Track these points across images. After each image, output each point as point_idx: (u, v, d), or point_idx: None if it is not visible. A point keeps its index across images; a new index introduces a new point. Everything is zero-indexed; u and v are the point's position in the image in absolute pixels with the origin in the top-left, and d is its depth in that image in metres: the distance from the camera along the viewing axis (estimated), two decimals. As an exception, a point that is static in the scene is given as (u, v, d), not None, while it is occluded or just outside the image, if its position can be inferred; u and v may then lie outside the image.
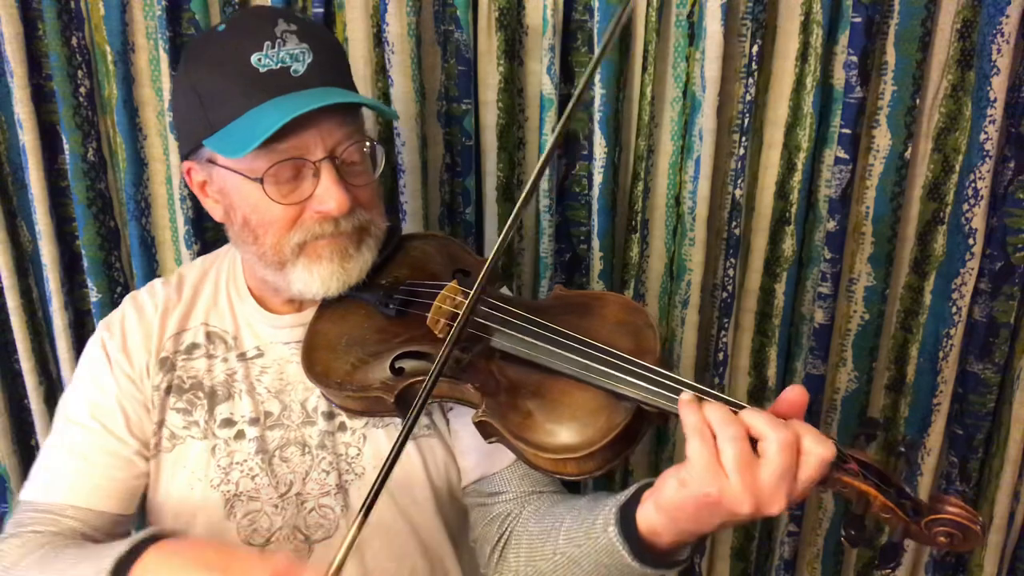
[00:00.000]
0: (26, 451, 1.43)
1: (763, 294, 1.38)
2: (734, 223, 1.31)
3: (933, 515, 0.67)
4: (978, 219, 1.25)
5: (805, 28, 1.24)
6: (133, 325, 0.99)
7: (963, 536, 0.66)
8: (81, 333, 1.37)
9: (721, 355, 1.37)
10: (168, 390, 0.97)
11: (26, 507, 0.93)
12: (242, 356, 0.99)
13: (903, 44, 1.23)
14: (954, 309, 1.30)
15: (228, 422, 0.96)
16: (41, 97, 1.26)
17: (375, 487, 0.72)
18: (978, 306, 1.32)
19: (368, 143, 0.92)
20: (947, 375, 1.34)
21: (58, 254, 1.31)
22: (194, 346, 0.99)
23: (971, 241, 1.26)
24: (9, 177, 1.32)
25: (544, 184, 1.29)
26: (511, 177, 1.33)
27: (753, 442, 0.67)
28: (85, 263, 1.32)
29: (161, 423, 0.96)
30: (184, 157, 0.95)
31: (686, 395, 0.71)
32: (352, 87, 0.93)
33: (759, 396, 1.42)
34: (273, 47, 0.85)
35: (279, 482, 0.94)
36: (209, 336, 1.00)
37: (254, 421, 0.96)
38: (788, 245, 1.34)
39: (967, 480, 1.40)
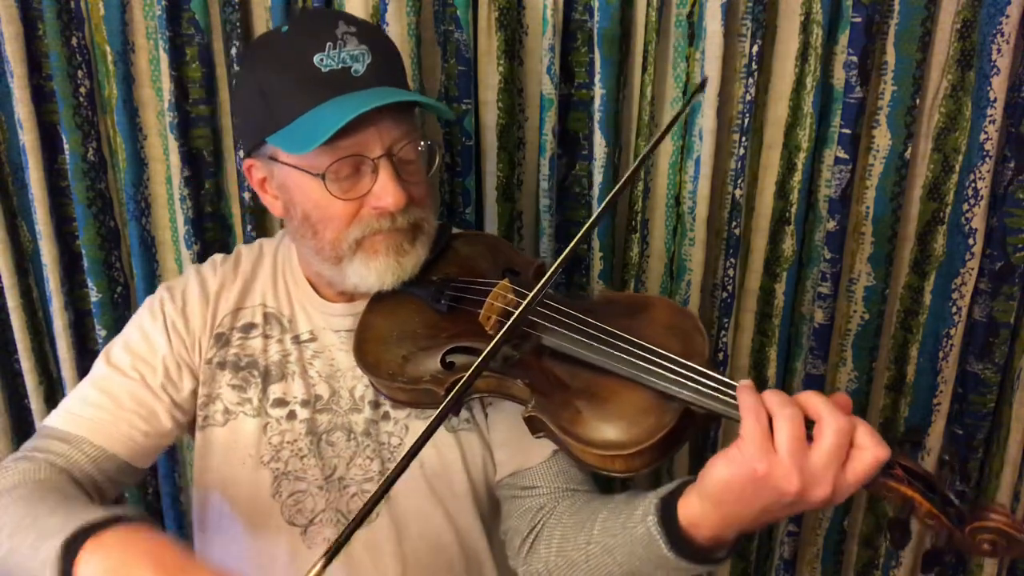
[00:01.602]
0: (26, 451, 1.43)
1: (763, 294, 1.38)
2: (734, 223, 1.31)
3: (977, 522, 0.67)
4: (978, 219, 1.25)
5: (805, 28, 1.24)
6: (195, 294, 1.02)
7: (1007, 544, 0.66)
8: (81, 333, 1.37)
9: (721, 355, 1.37)
10: (222, 365, 0.99)
11: (47, 432, 0.94)
12: (296, 339, 1.01)
13: (903, 44, 1.23)
14: (954, 309, 1.30)
15: (281, 402, 0.98)
16: (41, 97, 1.26)
17: (407, 457, 0.71)
18: (978, 306, 1.32)
19: (423, 142, 0.94)
20: (947, 375, 1.34)
21: (58, 254, 1.31)
22: (251, 325, 1.02)
23: (971, 241, 1.26)
24: (9, 177, 1.32)
25: (544, 184, 1.29)
26: (511, 177, 1.33)
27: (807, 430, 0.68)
28: (85, 263, 1.32)
29: (213, 397, 0.99)
30: (246, 154, 0.98)
31: (746, 381, 0.72)
32: (407, 87, 0.96)
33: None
34: (335, 48, 0.88)
35: (325, 464, 0.97)
36: (266, 317, 1.02)
37: (305, 403, 0.98)
38: (788, 245, 1.34)
39: (967, 480, 1.40)
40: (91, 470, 0.93)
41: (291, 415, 0.98)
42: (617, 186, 0.89)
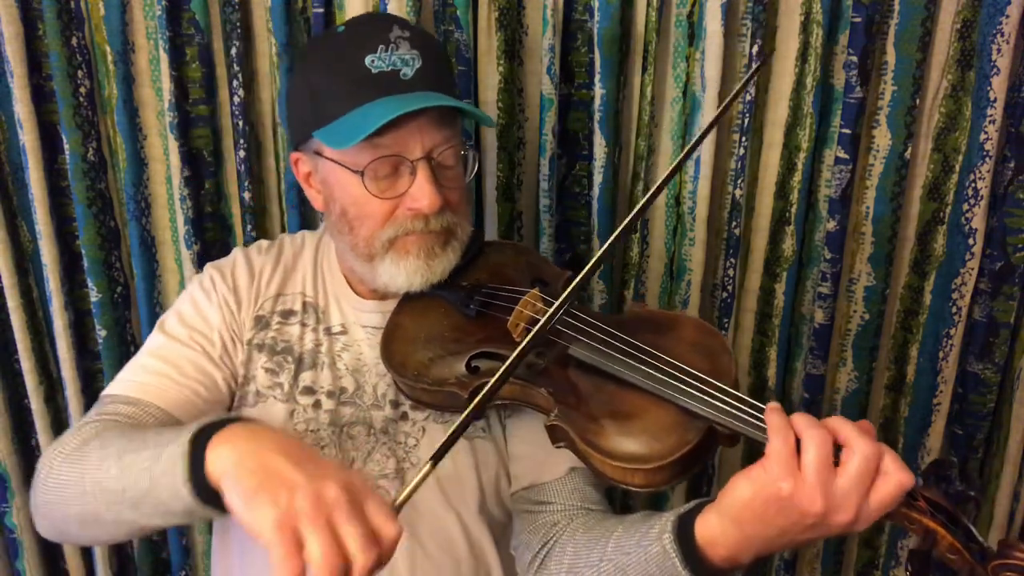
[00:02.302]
0: (26, 451, 1.43)
1: (763, 294, 1.38)
2: (734, 223, 1.31)
3: (1001, 560, 0.66)
4: (978, 219, 1.25)
5: (805, 28, 1.24)
6: (243, 274, 1.04)
7: None
8: (81, 333, 1.37)
9: (721, 355, 1.37)
10: (260, 347, 1.01)
11: (110, 399, 0.95)
12: (328, 330, 1.03)
13: (903, 44, 1.23)
14: (954, 309, 1.30)
15: (309, 390, 1.00)
16: (41, 97, 1.26)
17: (452, 434, 0.73)
18: (978, 306, 1.32)
19: (464, 149, 0.96)
20: (947, 375, 1.34)
21: (58, 254, 1.31)
22: (290, 312, 1.04)
23: (971, 241, 1.26)
24: (9, 177, 1.32)
25: (544, 184, 1.29)
26: (511, 177, 1.33)
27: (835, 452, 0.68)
28: (85, 263, 1.32)
29: (249, 378, 1.00)
30: (294, 147, 1.01)
31: (774, 403, 0.72)
32: (455, 95, 0.96)
33: (759, 396, 1.42)
34: (386, 50, 0.90)
35: (344, 456, 0.97)
36: (305, 306, 1.04)
37: (331, 394, 0.99)
38: (788, 245, 1.34)
39: (967, 480, 1.40)
40: None
41: (317, 404, 0.99)
42: (668, 171, 0.90)
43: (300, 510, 0.64)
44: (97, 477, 0.79)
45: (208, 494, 0.71)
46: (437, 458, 0.72)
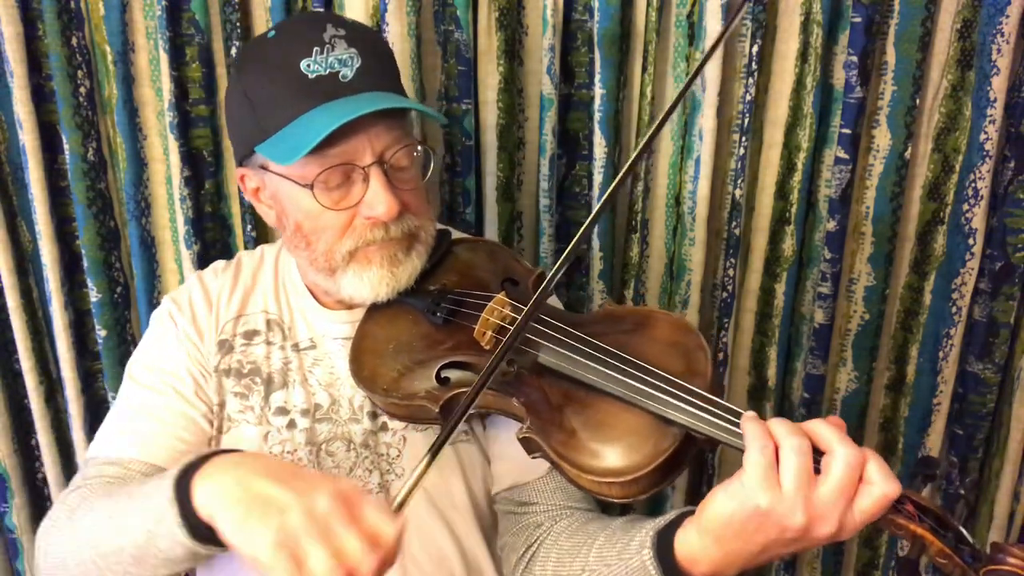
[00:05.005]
0: (26, 451, 1.43)
1: (763, 294, 1.38)
2: (734, 223, 1.31)
3: (992, 565, 0.64)
4: (978, 219, 1.25)
5: (805, 28, 1.24)
6: (200, 302, 1.01)
7: None
8: (81, 333, 1.37)
9: (721, 355, 1.37)
10: (227, 372, 0.98)
11: (93, 461, 0.94)
12: (296, 347, 1.00)
13: (903, 44, 1.23)
14: (954, 309, 1.30)
15: (282, 410, 0.97)
16: (41, 97, 1.26)
17: (443, 435, 0.72)
18: (978, 306, 1.32)
19: (417, 148, 0.93)
20: (947, 375, 1.34)
21: (58, 254, 1.30)
22: (254, 332, 1.01)
23: (971, 241, 1.26)
24: (9, 177, 1.32)
25: (544, 184, 1.29)
26: (511, 177, 1.33)
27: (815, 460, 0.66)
28: (85, 263, 1.32)
29: (221, 404, 0.98)
30: (238, 163, 0.96)
31: (750, 412, 0.70)
32: (400, 90, 0.93)
33: (759, 396, 1.42)
34: (322, 52, 0.86)
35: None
36: (269, 324, 1.01)
37: (305, 412, 0.97)
38: (788, 245, 1.34)
39: (960, 477, 1.40)
40: None
41: (291, 424, 0.97)
42: (630, 162, 0.87)
43: (294, 527, 0.63)
44: (93, 542, 0.79)
45: (205, 534, 0.70)
46: (434, 452, 0.71)
